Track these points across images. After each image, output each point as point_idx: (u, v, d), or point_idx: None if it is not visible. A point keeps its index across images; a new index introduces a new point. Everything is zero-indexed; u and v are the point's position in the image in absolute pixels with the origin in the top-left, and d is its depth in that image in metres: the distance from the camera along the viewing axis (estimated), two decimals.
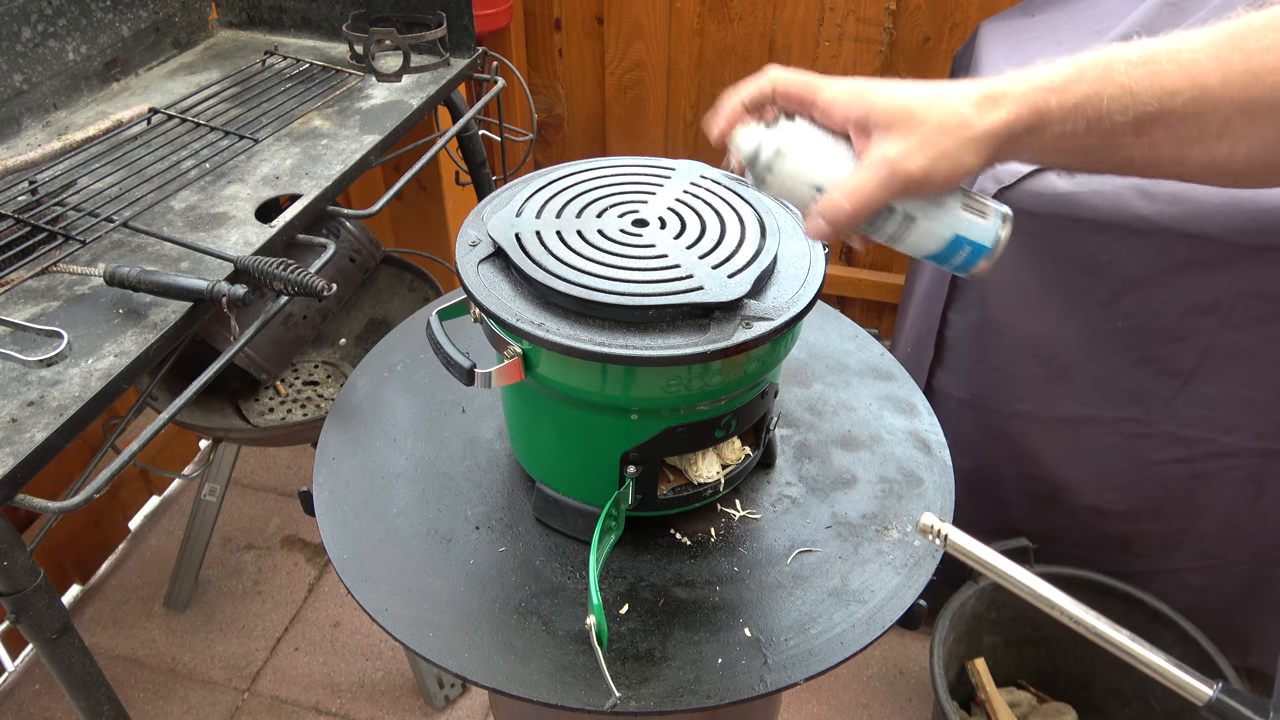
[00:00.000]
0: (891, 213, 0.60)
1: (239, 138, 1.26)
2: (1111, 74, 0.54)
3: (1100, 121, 0.55)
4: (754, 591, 0.75)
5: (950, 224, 0.60)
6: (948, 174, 0.57)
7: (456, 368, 0.69)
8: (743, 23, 2.02)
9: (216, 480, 1.72)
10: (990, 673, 1.58)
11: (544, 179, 0.79)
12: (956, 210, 0.60)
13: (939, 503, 0.83)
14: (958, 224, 0.60)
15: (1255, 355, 1.27)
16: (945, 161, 0.56)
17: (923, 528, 0.63)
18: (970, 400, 1.45)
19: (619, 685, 0.67)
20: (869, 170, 0.57)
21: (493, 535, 0.80)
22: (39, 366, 0.87)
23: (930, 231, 0.60)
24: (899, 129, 0.57)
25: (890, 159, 0.56)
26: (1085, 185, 1.21)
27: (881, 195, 0.58)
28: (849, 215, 0.59)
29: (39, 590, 0.85)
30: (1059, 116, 0.55)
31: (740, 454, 0.81)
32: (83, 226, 1.07)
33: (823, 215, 0.60)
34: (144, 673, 1.75)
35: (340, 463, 0.86)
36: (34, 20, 1.27)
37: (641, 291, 0.66)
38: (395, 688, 1.73)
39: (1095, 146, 0.56)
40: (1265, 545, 1.45)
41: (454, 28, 1.49)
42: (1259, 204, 1.16)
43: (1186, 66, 0.53)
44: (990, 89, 0.56)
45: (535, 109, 2.26)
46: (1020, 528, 1.56)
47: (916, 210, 0.60)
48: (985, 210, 0.61)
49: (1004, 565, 0.62)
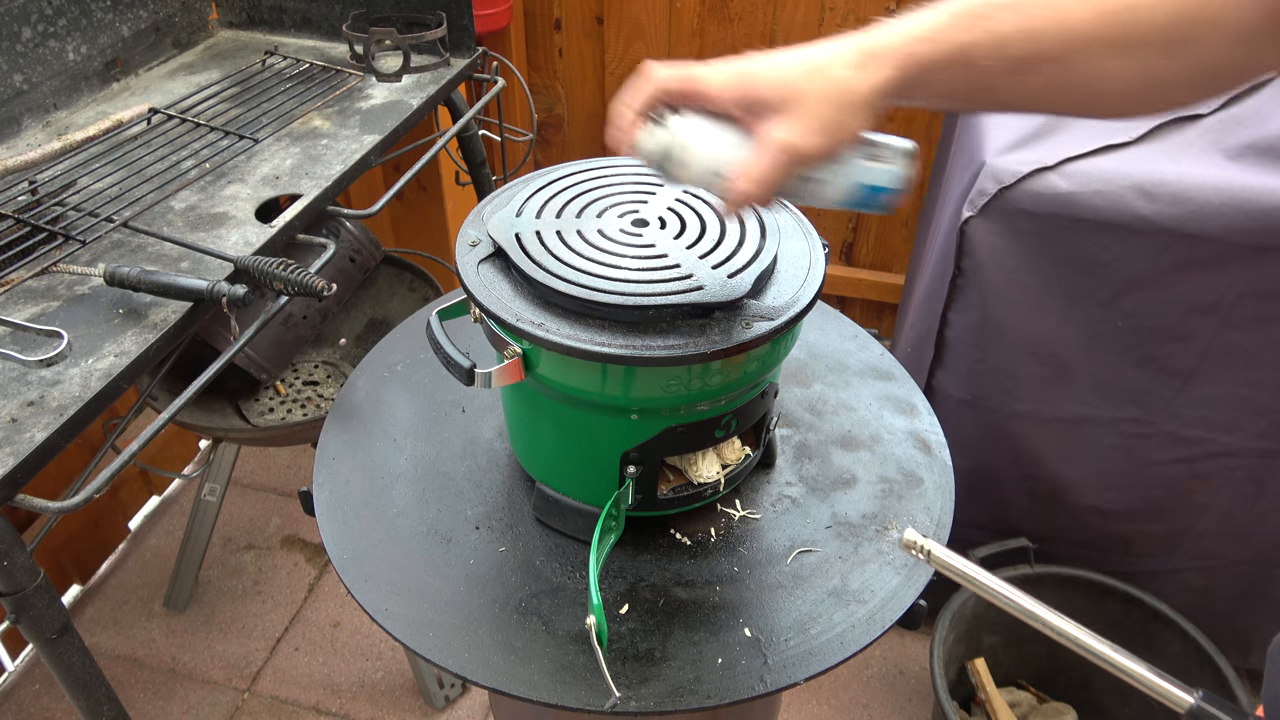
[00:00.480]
0: (797, 180, 0.62)
1: (239, 138, 1.26)
2: (982, 19, 0.55)
3: (974, 68, 0.56)
4: (754, 591, 0.75)
5: (854, 176, 0.62)
6: (838, 142, 0.58)
7: (456, 368, 0.69)
8: (743, 23, 2.02)
9: (216, 480, 1.72)
10: (990, 673, 1.58)
11: (544, 179, 0.79)
12: (857, 163, 0.62)
13: (939, 503, 0.83)
14: (861, 175, 0.62)
15: (1255, 355, 1.27)
16: (833, 131, 0.57)
17: (906, 544, 0.63)
18: (970, 400, 1.45)
19: (619, 685, 0.67)
20: (763, 154, 0.59)
21: (493, 535, 0.80)
22: (39, 366, 0.87)
23: (837, 187, 0.63)
24: (785, 109, 0.57)
25: (780, 140, 0.58)
26: (1085, 185, 1.21)
27: (781, 175, 0.59)
28: (754, 197, 0.60)
29: (39, 590, 0.85)
30: (937, 66, 0.56)
31: (740, 454, 0.81)
32: (83, 226, 1.07)
33: (730, 199, 0.62)
34: (144, 673, 1.75)
35: (340, 463, 0.86)
36: (34, 20, 1.27)
37: (641, 291, 0.66)
38: (395, 688, 1.73)
39: (974, 90, 0.58)
40: (1265, 545, 1.45)
41: (454, 28, 1.49)
42: (1259, 204, 1.16)
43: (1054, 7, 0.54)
44: (868, 45, 0.57)
45: (535, 109, 2.26)
46: (1020, 528, 1.56)
47: (819, 173, 0.62)
48: (887, 155, 0.63)
49: (988, 580, 0.62)
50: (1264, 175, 1.17)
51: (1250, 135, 1.22)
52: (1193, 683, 0.61)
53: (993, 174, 1.24)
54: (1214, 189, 1.17)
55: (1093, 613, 1.55)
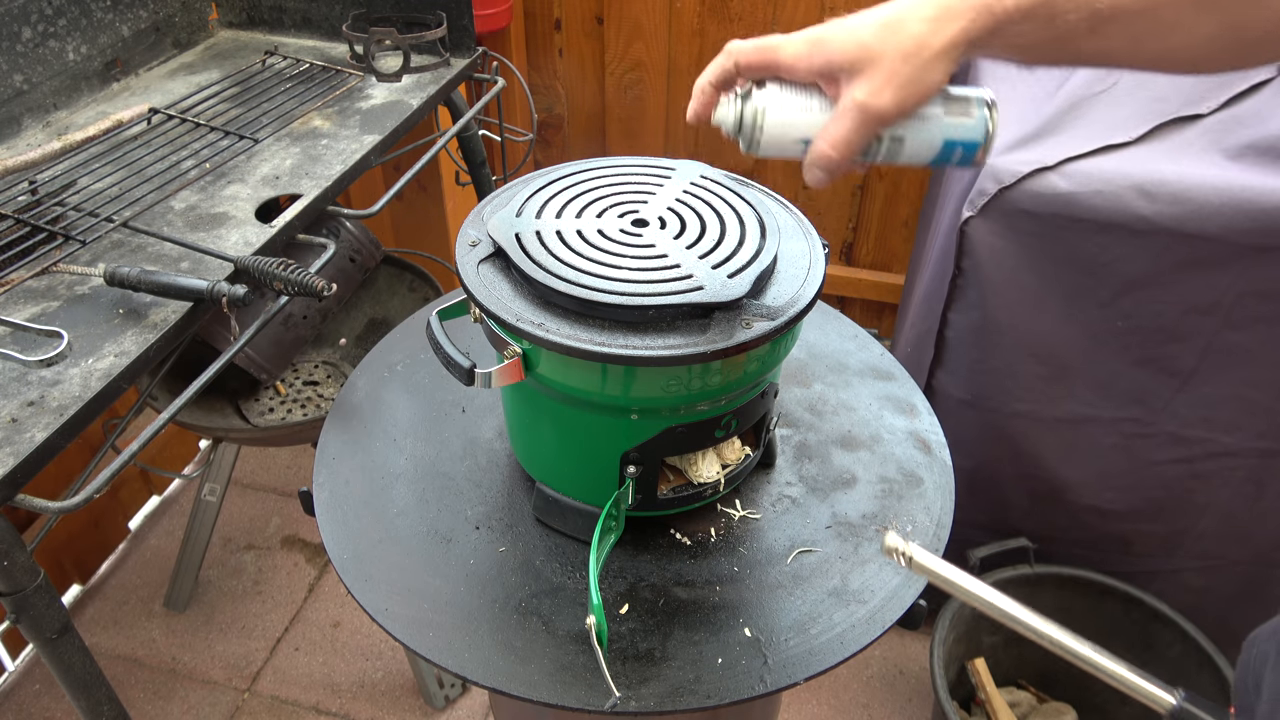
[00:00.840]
0: (880, 141, 0.62)
1: (239, 138, 1.26)
2: None
3: (1054, 21, 0.55)
4: (754, 591, 0.75)
5: (938, 132, 0.62)
6: (918, 98, 0.58)
7: (456, 368, 0.69)
8: (743, 23, 2.02)
9: (216, 480, 1.72)
10: (990, 673, 1.58)
11: (544, 179, 0.79)
12: (940, 118, 0.62)
13: (939, 503, 0.83)
14: (945, 130, 0.62)
15: (1255, 355, 1.27)
16: (912, 87, 0.57)
17: (887, 549, 0.63)
18: (970, 400, 1.45)
19: (619, 685, 0.67)
20: (844, 117, 0.59)
21: (493, 535, 0.80)
22: (39, 366, 0.87)
23: (922, 143, 0.63)
24: (863, 70, 0.57)
25: (860, 101, 0.58)
26: (1085, 185, 1.21)
27: (862, 136, 0.59)
28: (838, 162, 0.60)
29: (39, 590, 0.85)
30: (1016, 18, 0.56)
31: (740, 454, 0.81)
32: (83, 226, 1.07)
33: (815, 166, 0.61)
34: (144, 673, 1.75)
35: (340, 463, 0.86)
36: (34, 20, 1.27)
37: (641, 291, 0.66)
38: (395, 688, 1.74)
39: (1051, 42, 0.57)
40: (1265, 545, 1.45)
41: (454, 28, 1.49)
42: (1259, 204, 1.16)
43: None
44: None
45: (535, 109, 2.26)
46: (1020, 528, 1.56)
47: (902, 131, 0.62)
48: (969, 108, 0.62)
49: (969, 584, 0.62)
50: (1264, 175, 1.17)
51: (1250, 135, 1.22)
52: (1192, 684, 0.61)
53: (993, 174, 1.24)
54: (1214, 189, 1.17)
55: (1093, 613, 1.55)
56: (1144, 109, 1.30)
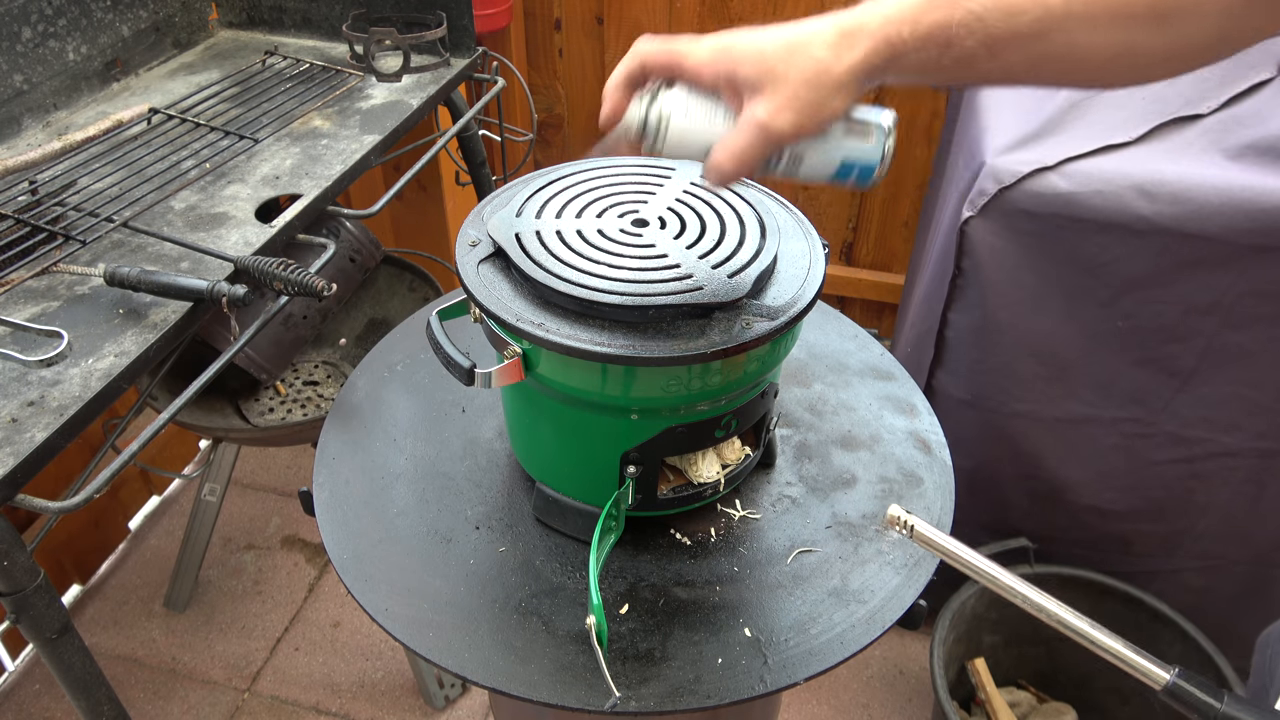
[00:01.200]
0: (780, 157, 0.63)
1: (239, 138, 1.26)
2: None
3: (951, 47, 0.56)
4: (754, 591, 0.75)
5: (836, 153, 0.63)
6: (817, 122, 0.59)
7: (456, 368, 0.69)
8: (742, 23, 2.00)
9: (216, 480, 1.72)
10: (990, 673, 1.58)
11: (544, 179, 0.79)
12: (839, 139, 0.63)
13: (939, 503, 0.83)
14: (842, 151, 0.63)
15: (1255, 355, 1.27)
16: (812, 111, 0.58)
17: (889, 519, 0.65)
18: (970, 400, 1.45)
19: (619, 685, 0.67)
20: (744, 131, 0.59)
21: (493, 535, 0.80)
22: (39, 366, 0.87)
23: (820, 162, 0.64)
24: (764, 88, 0.58)
25: (760, 120, 0.58)
26: (1085, 185, 1.21)
27: (760, 152, 0.60)
28: (734, 173, 0.61)
29: (39, 590, 0.85)
30: (914, 46, 0.56)
31: (740, 454, 0.81)
32: (83, 226, 1.07)
33: (713, 173, 0.62)
34: (144, 673, 1.75)
35: (340, 463, 0.86)
36: (34, 20, 1.27)
37: (641, 291, 0.66)
38: (395, 688, 1.74)
39: (952, 66, 0.58)
40: (1265, 545, 1.45)
41: (454, 28, 1.49)
42: (1259, 204, 1.16)
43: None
44: (846, 25, 0.57)
45: (535, 109, 2.26)
46: (1020, 528, 1.56)
47: (801, 149, 0.63)
48: (868, 130, 0.63)
49: (968, 555, 0.64)
50: (1264, 175, 1.17)
51: (1250, 135, 1.22)
52: None
53: (993, 174, 1.24)
54: (1214, 189, 1.17)
55: (1093, 613, 1.52)
56: (1144, 109, 1.30)
